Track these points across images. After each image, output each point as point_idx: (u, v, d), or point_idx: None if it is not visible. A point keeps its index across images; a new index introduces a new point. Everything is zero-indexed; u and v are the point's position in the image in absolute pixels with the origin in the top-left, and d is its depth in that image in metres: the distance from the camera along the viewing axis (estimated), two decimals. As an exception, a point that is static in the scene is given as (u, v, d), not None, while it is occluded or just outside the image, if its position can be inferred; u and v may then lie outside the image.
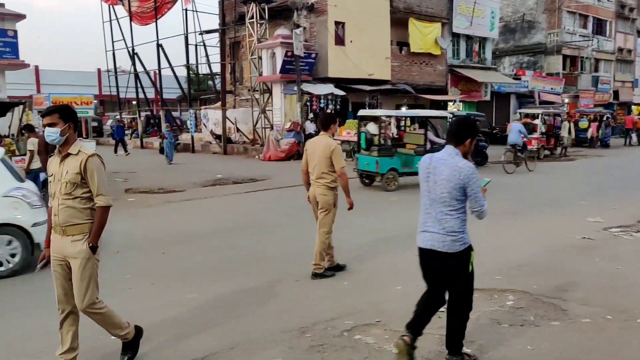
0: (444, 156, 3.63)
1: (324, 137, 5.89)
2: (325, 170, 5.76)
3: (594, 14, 39.02)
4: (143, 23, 29.01)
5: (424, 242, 3.74)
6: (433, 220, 3.66)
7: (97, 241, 3.64)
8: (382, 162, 12.62)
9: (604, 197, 11.54)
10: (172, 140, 20.78)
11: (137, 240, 7.99)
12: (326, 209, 5.86)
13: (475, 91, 29.90)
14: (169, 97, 35.50)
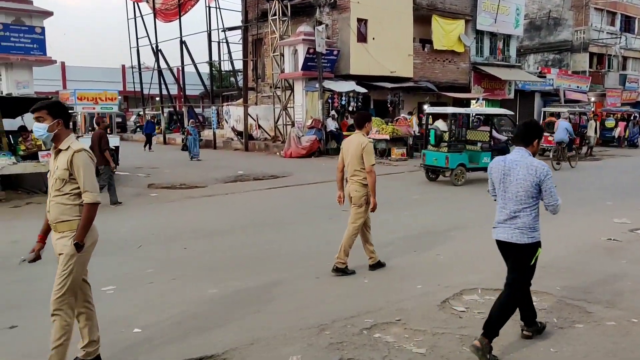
0: (517, 158, 3.95)
1: (358, 136, 6.00)
2: (357, 167, 5.88)
3: (622, 11, 38.19)
4: (167, 20, 29.31)
5: (498, 235, 4.12)
6: (507, 216, 3.99)
7: (83, 238, 3.53)
8: (452, 158, 13.20)
9: (631, 197, 11.30)
10: (197, 136, 20.76)
11: (159, 235, 8.08)
12: (359, 204, 5.93)
13: (499, 89, 29.52)
14: (192, 93, 35.80)
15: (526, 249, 3.96)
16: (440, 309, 4.84)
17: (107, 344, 4.13)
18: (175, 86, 32.48)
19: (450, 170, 13.30)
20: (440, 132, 13.95)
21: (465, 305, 4.96)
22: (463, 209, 10.14)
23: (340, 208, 9.97)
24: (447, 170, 13.40)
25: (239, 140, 24.90)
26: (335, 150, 21.38)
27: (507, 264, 4.22)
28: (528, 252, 3.98)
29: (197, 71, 29.14)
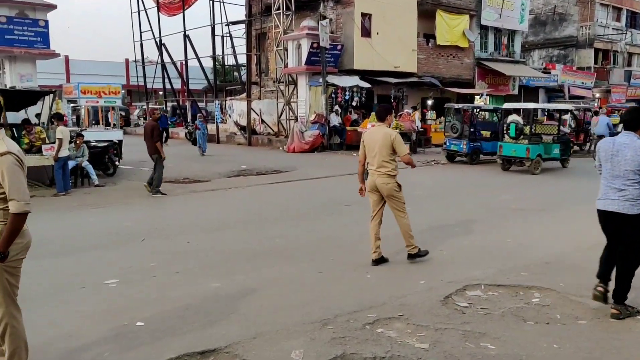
0: (626, 140, 4.49)
1: (382, 128, 6.04)
2: (386, 159, 5.90)
3: (628, 7, 37.98)
4: (170, 14, 29.27)
5: (605, 206, 4.65)
6: (614, 190, 4.52)
7: (6, 249, 3.09)
8: (532, 149, 14.78)
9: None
10: (205, 131, 20.43)
11: (162, 229, 8.09)
12: (392, 195, 5.99)
13: (503, 85, 29.42)
14: (195, 87, 35.80)
15: (635, 219, 4.43)
16: (443, 305, 4.83)
17: (111, 337, 4.15)
18: (179, 80, 32.47)
19: (531, 161, 14.83)
20: (520, 125, 15.29)
21: (468, 301, 4.95)
22: (469, 203, 10.13)
23: (344, 203, 10.03)
24: (528, 160, 14.90)
25: (242, 134, 24.90)
26: (339, 145, 21.39)
27: (609, 234, 4.80)
28: (637, 221, 4.44)
29: (201, 65, 29.11)
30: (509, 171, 15.51)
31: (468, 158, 17.24)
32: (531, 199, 10.91)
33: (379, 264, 6.06)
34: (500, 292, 5.22)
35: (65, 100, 18.19)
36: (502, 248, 6.87)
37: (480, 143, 17.58)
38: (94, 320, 4.50)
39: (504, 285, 5.37)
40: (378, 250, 6.11)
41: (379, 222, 6.13)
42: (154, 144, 10.95)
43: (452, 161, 17.78)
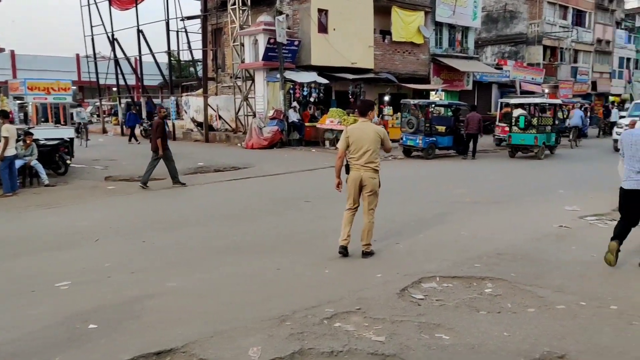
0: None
1: (368, 124, 6.23)
2: (374, 154, 6.11)
3: (573, 5, 39.39)
4: (123, 8, 28.52)
5: (630, 185, 5.68)
6: (636, 172, 5.58)
7: None
8: (539, 138, 17.41)
9: (581, 186, 11.73)
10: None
11: (116, 229, 7.93)
12: (375, 191, 6.18)
13: (458, 80, 30.03)
14: (150, 84, 35.05)
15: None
16: (400, 297, 4.93)
17: (62, 340, 4.05)
18: (133, 76, 31.69)
19: (539, 147, 17.41)
20: (529, 117, 17.98)
21: (424, 293, 5.07)
22: (425, 197, 10.33)
23: (304, 199, 10.06)
24: (536, 147, 17.48)
25: (199, 131, 24.58)
26: (298, 141, 21.40)
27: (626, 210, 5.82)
28: None
29: (155, 61, 28.50)
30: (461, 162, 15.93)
31: (424, 153, 17.57)
32: (486, 192, 11.21)
33: (345, 257, 6.19)
34: (455, 283, 5.36)
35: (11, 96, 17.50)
36: (456, 240, 7.05)
37: (435, 138, 17.94)
38: (44, 324, 4.37)
39: (458, 277, 5.52)
40: (349, 239, 6.24)
41: (354, 214, 6.28)
42: (156, 140, 11.64)
43: (409, 156, 18.09)
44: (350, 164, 6.20)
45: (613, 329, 4.16)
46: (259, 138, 20.61)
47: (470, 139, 17.71)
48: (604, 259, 5.79)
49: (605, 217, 8.40)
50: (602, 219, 8.28)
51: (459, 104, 20.30)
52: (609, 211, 8.89)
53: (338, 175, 6.28)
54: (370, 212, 6.24)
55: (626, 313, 4.47)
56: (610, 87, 44.21)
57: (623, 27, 46.58)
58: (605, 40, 43.21)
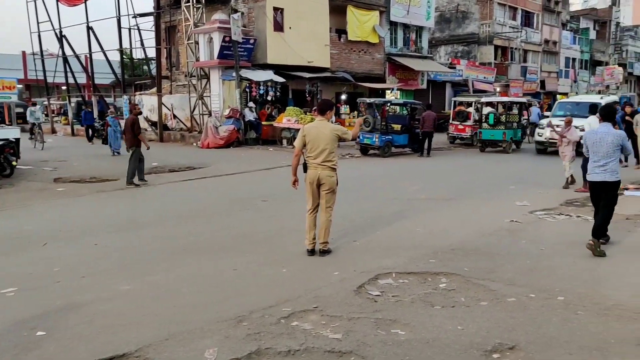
0: (605, 130, 6.32)
1: (324, 122, 6.25)
2: (332, 152, 6.17)
3: (522, 6, 40.63)
4: (71, 4, 27.57)
5: (594, 177, 6.38)
6: (599, 166, 6.28)
7: None
8: (507, 133, 19.29)
9: (531, 181, 12.12)
10: (118, 128, 18.22)
11: (66, 232, 7.67)
12: (333, 189, 6.23)
13: (413, 79, 30.50)
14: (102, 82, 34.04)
15: (615, 184, 6.28)
16: (356, 295, 4.97)
17: (8, 350, 3.89)
18: (84, 74, 30.72)
19: (507, 142, 19.17)
20: (498, 115, 19.94)
21: (380, 289, 5.12)
22: (381, 195, 10.45)
23: (261, 198, 10.00)
24: (504, 142, 19.25)
25: (153, 130, 24.09)
26: (255, 140, 21.26)
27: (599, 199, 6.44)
28: (616, 186, 6.31)
29: (107, 59, 27.70)
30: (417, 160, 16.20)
31: (380, 151, 17.77)
32: (440, 188, 11.44)
33: (313, 255, 6.22)
34: (411, 279, 5.44)
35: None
36: (412, 237, 7.16)
37: (391, 136, 18.17)
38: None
39: (414, 273, 5.61)
40: (314, 242, 6.27)
41: (315, 215, 6.31)
42: (133, 137, 11.72)
43: (366, 154, 18.26)
44: (308, 162, 6.23)
45: (560, 319, 4.32)
46: (215, 137, 20.37)
47: (425, 137, 18.03)
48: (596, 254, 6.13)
49: (554, 212, 8.73)
50: (550, 214, 8.58)
51: (414, 102, 20.64)
52: (557, 206, 9.24)
53: (294, 173, 6.30)
54: (328, 210, 6.27)
55: (572, 303, 4.64)
56: (558, 85, 45.87)
57: (568, 29, 48.36)
58: (552, 40, 44.77)
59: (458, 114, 22.55)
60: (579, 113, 16.84)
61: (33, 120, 21.27)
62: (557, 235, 7.20)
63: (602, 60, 53.21)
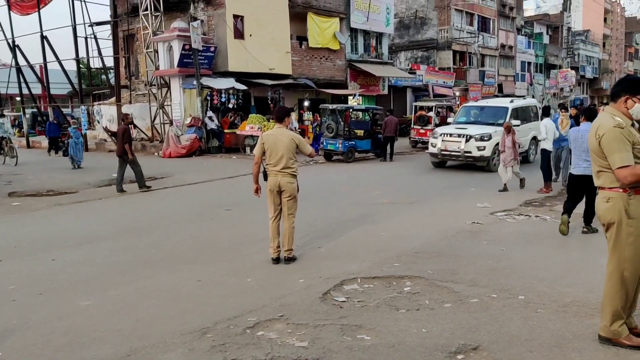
0: (587, 128, 6.60)
1: (282, 130, 6.26)
2: (292, 159, 6.18)
3: (478, 12, 41.64)
4: (24, 12, 26.82)
5: (578, 171, 7.21)
6: (582, 161, 7.05)
7: None
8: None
9: (491, 183, 12.37)
10: (80, 139, 17.69)
11: (22, 248, 7.42)
12: (294, 195, 6.24)
13: (374, 85, 30.81)
14: (59, 92, 33.18)
15: None
16: (322, 301, 4.96)
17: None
18: (39, 85, 29.86)
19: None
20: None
21: (346, 295, 5.13)
22: (345, 200, 10.49)
23: (224, 207, 9.90)
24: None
25: (113, 141, 23.54)
26: (217, 148, 21.06)
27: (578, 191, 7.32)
28: None
29: (63, 69, 27.01)
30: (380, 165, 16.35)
31: (344, 156, 17.87)
32: (403, 192, 11.56)
33: (278, 263, 6.22)
34: (376, 283, 5.47)
35: None
36: (376, 241, 7.21)
37: (354, 142, 18.30)
38: (-61, 357, 4.00)
39: (378, 277, 5.64)
40: (279, 250, 6.27)
41: (278, 223, 6.31)
42: (123, 145, 12.00)
43: (330, 160, 18.33)
44: (268, 170, 6.25)
45: (521, 318, 4.42)
46: (177, 146, 20.09)
47: (387, 142, 18.23)
48: (559, 230, 7.25)
49: (514, 212, 8.94)
50: (510, 214, 8.79)
51: (375, 108, 20.85)
52: (516, 206, 9.47)
53: (256, 181, 6.33)
54: (290, 217, 6.28)
55: (532, 302, 4.75)
56: (515, 89, 47.12)
57: (523, 34, 49.83)
58: (508, 45, 46.03)
59: (419, 119, 22.88)
60: (484, 120, 15.37)
61: (1, 134, 20.05)
62: (517, 235, 7.38)
63: (555, 64, 55.05)
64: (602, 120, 3.72)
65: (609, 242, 3.78)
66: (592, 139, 3.74)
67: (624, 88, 3.71)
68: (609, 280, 3.78)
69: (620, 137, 3.55)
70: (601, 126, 3.66)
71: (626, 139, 3.55)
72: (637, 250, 3.66)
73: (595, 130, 3.70)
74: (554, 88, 53.51)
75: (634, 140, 3.57)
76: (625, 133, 3.56)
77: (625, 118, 3.66)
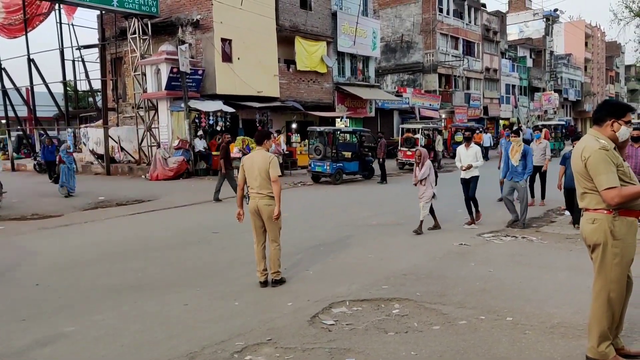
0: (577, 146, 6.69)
1: (261, 152, 6.28)
2: (267, 182, 6.10)
3: (463, 36, 42.40)
4: (11, 36, 26.83)
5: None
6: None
7: None
8: None
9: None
10: (73, 165, 16.18)
11: (4, 272, 7.29)
12: (274, 217, 6.14)
13: (361, 108, 31.10)
14: (45, 115, 32.97)
15: None
16: (311, 325, 4.93)
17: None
18: (25, 107, 29.69)
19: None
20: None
21: (334, 318, 5.10)
22: (333, 222, 10.48)
23: (211, 230, 9.84)
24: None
25: (100, 163, 23.46)
26: (205, 171, 21.03)
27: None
28: None
29: (49, 91, 26.94)
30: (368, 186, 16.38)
31: (332, 178, 17.92)
32: (390, 214, 11.59)
33: (266, 286, 6.17)
34: (364, 306, 5.45)
35: None
36: (364, 263, 7.20)
37: (342, 163, 18.38)
38: None
39: (367, 300, 5.62)
40: (266, 273, 6.24)
41: (263, 246, 6.27)
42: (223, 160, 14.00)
43: (318, 182, 18.37)
44: (249, 193, 6.24)
45: (509, 339, 4.42)
46: (164, 169, 20.03)
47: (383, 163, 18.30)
48: None
49: (500, 234, 8.99)
50: (497, 236, 8.84)
51: (363, 130, 21.02)
52: (503, 228, 9.52)
53: (239, 204, 6.33)
54: (274, 239, 6.26)
55: (520, 323, 4.76)
56: (500, 111, 47.84)
57: (507, 57, 50.76)
58: (492, 68, 46.83)
59: (406, 141, 23.08)
60: None
61: None
62: (504, 256, 7.41)
63: (539, 87, 56.05)
64: (586, 142, 3.77)
65: (594, 263, 3.80)
66: (577, 161, 3.79)
67: (609, 112, 3.78)
68: (595, 302, 3.79)
69: (606, 159, 3.61)
70: (586, 148, 3.72)
71: (611, 160, 3.61)
72: (623, 270, 3.70)
73: (581, 152, 3.75)
74: (538, 110, 54.38)
75: (618, 163, 3.64)
76: (610, 155, 3.63)
77: (609, 141, 3.73)
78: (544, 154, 12.31)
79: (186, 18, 22.35)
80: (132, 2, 21.24)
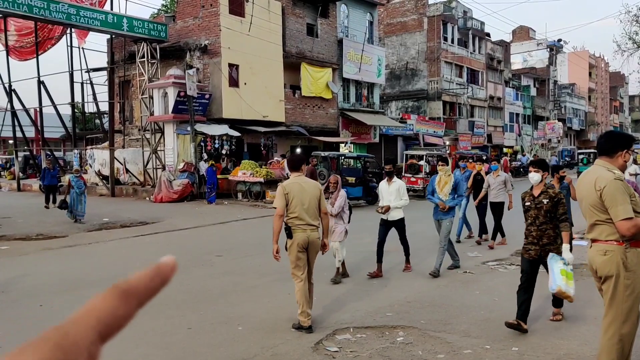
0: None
1: (306, 178, 5.73)
2: (317, 211, 5.55)
3: (467, 65, 42.82)
4: (22, 58, 27.28)
5: None
6: None
7: None
8: None
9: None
10: (84, 188, 14.81)
11: (9, 293, 7.29)
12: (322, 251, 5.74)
13: (365, 133, 31.26)
14: (52, 136, 33.34)
15: None
16: (314, 351, 4.90)
17: None
18: (32, 128, 30.01)
19: None
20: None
21: (338, 345, 5.07)
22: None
23: (215, 253, 9.84)
24: None
25: (105, 185, 23.57)
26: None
27: None
28: None
29: (58, 113, 27.24)
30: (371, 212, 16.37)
31: None
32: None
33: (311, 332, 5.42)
34: (368, 333, 5.42)
35: None
36: (368, 290, 7.18)
37: (346, 189, 18.39)
38: None
39: (371, 327, 5.59)
40: (311, 316, 5.51)
41: (310, 282, 5.69)
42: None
43: None
44: (292, 225, 5.45)
45: (515, 369, 4.38)
46: (169, 191, 20.10)
47: None
48: None
49: (505, 262, 8.95)
50: (502, 264, 8.80)
51: (367, 156, 21.11)
52: (507, 256, 9.49)
53: (276, 239, 5.51)
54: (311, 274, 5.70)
55: (526, 354, 4.72)
56: (504, 139, 47.98)
57: (511, 86, 51.16)
58: (496, 96, 47.16)
59: (410, 167, 23.15)
60: None
61: None
62: (509, 285, 7.34)
63: (543, 116, 56.30)
64: (599, 173, 3.73)
65: (605, 294, 3.71)
66: (591, 192, 3.70)
67: (620, 144, 3.78)
68: (605, 334, 3.71)
69: (622, 189, 3.58)
70: (600, 178, 3.66)
71: (626, 191, 3.61)
72: (635, 302, 3.63)
73: (594, 183, 3.68)
74: (541, 139, 54.55)
75: (630, 193, 3.63)
76: (624, 185, 3.62)
77: (619, 172, 3.73)
78: (502, 187, 10.75)
79: (194, 43, 22.69)
80: (142, 27, 21.63)
